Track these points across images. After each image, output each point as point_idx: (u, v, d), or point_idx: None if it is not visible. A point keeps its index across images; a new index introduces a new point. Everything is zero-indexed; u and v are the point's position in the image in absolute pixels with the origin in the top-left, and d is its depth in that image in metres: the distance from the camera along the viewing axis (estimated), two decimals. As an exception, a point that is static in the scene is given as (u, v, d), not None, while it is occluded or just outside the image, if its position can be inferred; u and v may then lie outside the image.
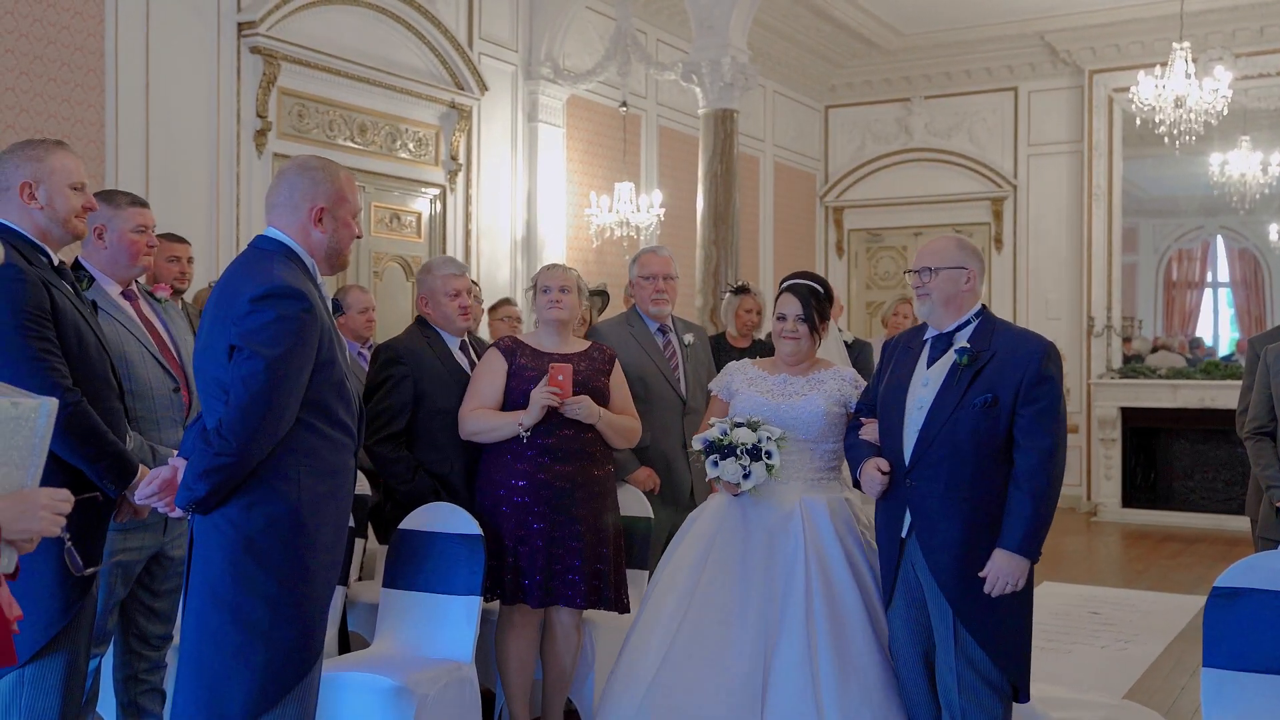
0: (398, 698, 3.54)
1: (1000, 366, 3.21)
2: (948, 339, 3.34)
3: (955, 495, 3.20)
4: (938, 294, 3.33)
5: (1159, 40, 10.32)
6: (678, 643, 3.56)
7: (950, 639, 3.20)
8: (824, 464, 3.74)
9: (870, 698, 3.39)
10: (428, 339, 4.28)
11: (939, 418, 3.24)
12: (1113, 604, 6.95)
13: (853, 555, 3.59)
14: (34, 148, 3.05)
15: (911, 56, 12.05)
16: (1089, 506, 11.09)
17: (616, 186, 8.98)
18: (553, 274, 4.18)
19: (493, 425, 3.99)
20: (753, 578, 3.58)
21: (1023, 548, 3.14)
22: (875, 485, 3.37)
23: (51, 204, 2.98)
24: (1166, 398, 10.68)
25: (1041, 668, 5.46)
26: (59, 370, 2.84)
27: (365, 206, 7.62)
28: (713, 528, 3.73)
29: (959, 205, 12.09)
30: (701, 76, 8.28)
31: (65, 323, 2.90)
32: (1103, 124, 11.24)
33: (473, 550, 3.88)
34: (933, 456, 3.23)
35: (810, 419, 3.68)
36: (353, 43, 7.35)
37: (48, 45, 5.74)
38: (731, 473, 3.59)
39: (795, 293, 3.80)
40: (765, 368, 3.87)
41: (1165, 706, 4.90)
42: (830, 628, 3.45)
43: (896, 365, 3.46)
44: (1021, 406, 3.18)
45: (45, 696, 2.84)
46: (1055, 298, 11.55)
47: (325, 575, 2.75)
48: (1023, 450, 3.17)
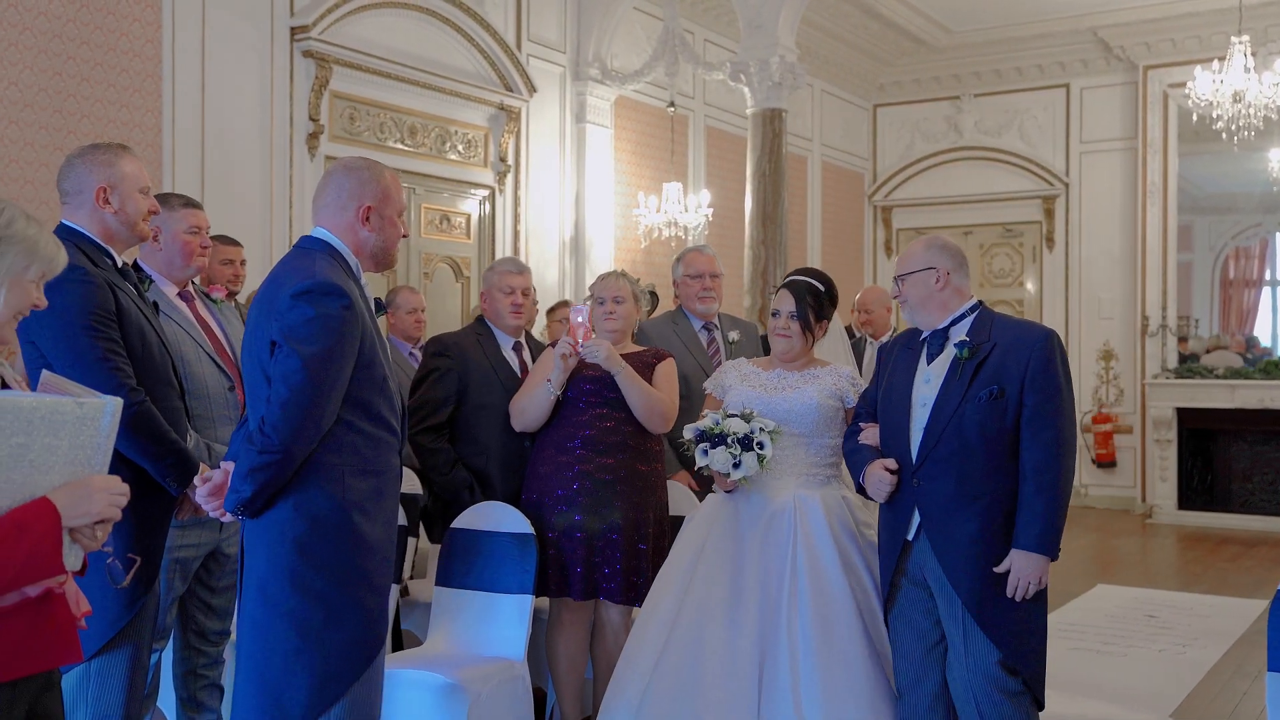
0: (451, 695, 3.57)
1: (1003, 357, 3.13)
2: (943, 335, 3.26)
3: (967, 493, 3.11)
4: (912, 299, 3.28)
5: (1216, 34, 10.16)
6: (671, 645, 3.50)
7: (963, 646, 3.11)
8: (820, 459, 3.65)
9: (858, 699, 3.30)
10: (479, 336, 4.34)
11: (944, 413, 3.15)
12: (1170, 607, 6.85)
13: (847, 553, 3.50)
14: (104, 152, 3.10)
15: (961, 54, 11.94)
16: (1144, 508, 10.93)
17: (664, 187, 8.98)
18: (606, 285, 4.22)
19: (530, 396, 4.06)
20: (746, 575, 3.51)
21: (1040, 545, 3.05)
22: (884, 486, 3.25)
23: (124, 208, 3.03)
24: (1224, 398, 10.50)
25: (1095, 672, 5.40)
26: (124, 370, 2.88)
27: (415, 208, 7.68)
28: (706, 526, 3.67)
29: (1009, 204, 11.97)
30: (750, 76, 8.26)
31: (129, 323, 2.95)
32: (1157, 120, 11.07)
33: (524, 549, 3.91)
34: (940, 454, 3.14)
35: (803, 412, 3.60)
36: (403, 46, 7.41)
37: (107, 52, 5.84)
38: (721, 462, 3.50)
39: (791, 289, 3.73)
40: (760, 364, 3.82)
41: (1226, 713, 4.81)
42: (817, 626, 3.36)
43: (895, 366, 3.38)
44: (1026, 397, 3.09)
45: (111, 690, 2.89)
46: (1108, 297, 11.39)
47: (378, 573, 2.74)
48: (1030, 443, 3.08)
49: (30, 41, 5.51)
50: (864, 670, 3.35)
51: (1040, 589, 3.10)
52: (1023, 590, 3.06)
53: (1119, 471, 11.16)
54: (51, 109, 5.57)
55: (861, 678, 3.33)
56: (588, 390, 4.04)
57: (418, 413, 4.18)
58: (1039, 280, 11.85)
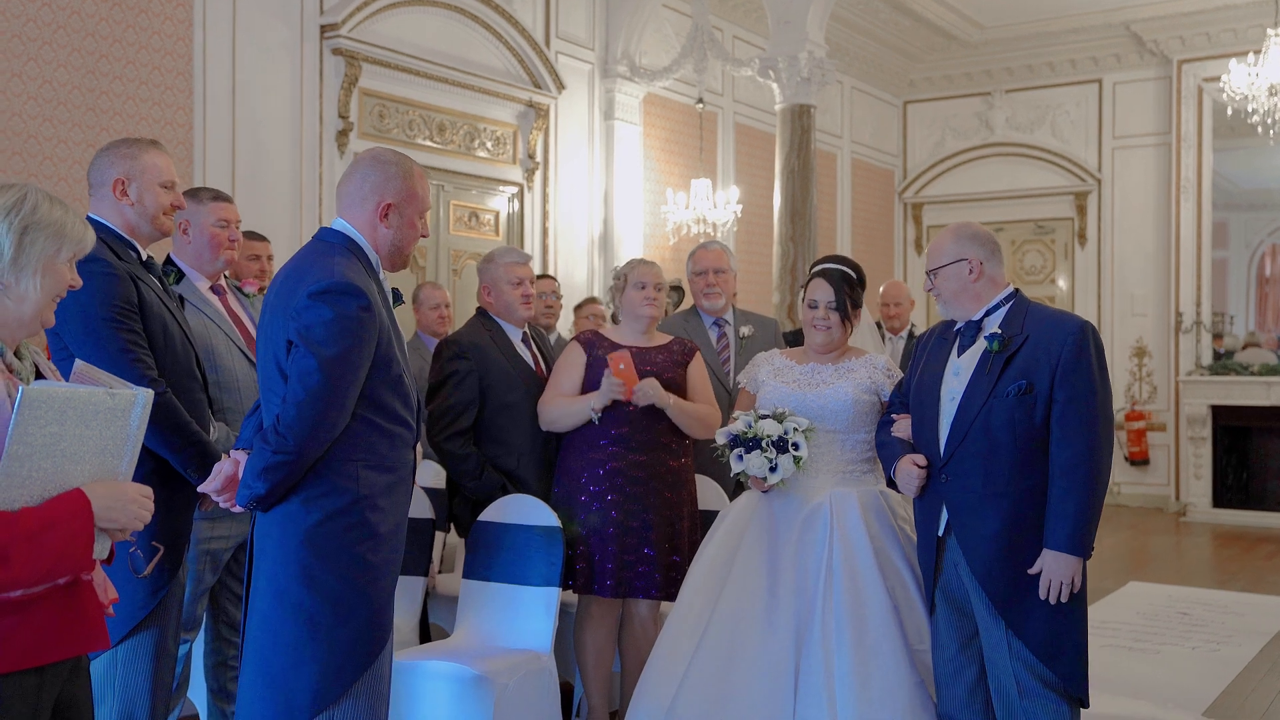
0: (477, 686, 3.57)
1: (1034, 351, 3.03)
2: (977, 326, 3.17)
3: (993, 490, 3.03)
4: (945, 293, 3.19)
5: (1252, 27, 10.04)
6: (704, 646, 3.45)
7: (1003, 642, 3.04)
8: (856, 455, 3.58)
9: (893, 700, 3.24)
10: (490, 332, 4.23)
11: (972, 408, 3.06)
12: (1204, 605, 6.77)
13: (884, 551, 3.43)
14: (129, 146, 3.12)
15: (992, 50, 11.86)
16: (1178, 507, 10.81)
17: (693, 183, 8.97)
18: (649, 270, 4.15)
19: (566, 410, 4.01)
20: (782, 575, 3.44)
21: (1072, 545, 2.96)
22: (913, 481, 3.19)
23: (142, 201, 3.05)
24: (1259, 395, 10.38)
25: (1129, 669, 5.34)
26: (145, 362, 2.90)
27: (443, 205, 7.71)
28: (741, 525, 3.60)
29: (1041, 200, 11.87)
30: (778, 72, 8.24)
31: (152, 316, 2.97)
32: (1191, 115, 10.95)
33: (551, 542, 3.91)
34: (968, 450, 3.07)
35: (838, 408, 3.52)
36: (432, 43, 7.44)
37: (139, 50, 5.90)
38: (757, 467, 3.44)
39: (827, 278, 3.61)
40: (794, 357, 3.71)
41: (1261, 710, 4.75)
42: (852, 626, 3.29)
43: (930, 357, 3.29)
44: (1058, 392, 2.99)
45: (137, 676, 2.92)
46: (1141, 293, 11.28)
47: (387, 570, 2.72)
48: (1061, 440, 2.98)
49: (64, 40, 5.57)
50: (898, 670, 3.29)
51: (1075, 590, 3.01)
52: (1055, 591, 2.98)
53: (1152, 469, 11.05)
54: (85, 107, 5.63)
55: (895, 678, 3.28)
56: None
57: (442, 419, 4.11)
58: (1071, 277, 11.75)
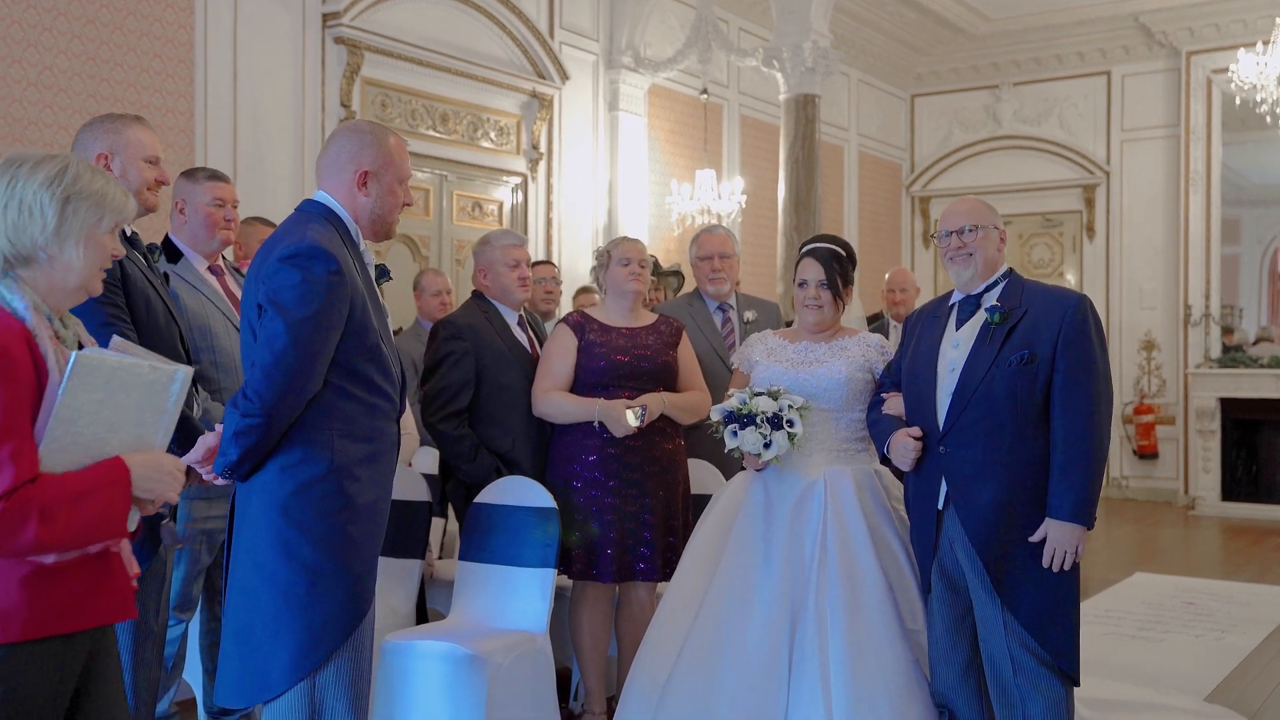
0: (471, 666, 3.57)
1: (1034, 323, 3.05)
2: (975, 301, 3.19)
3: (994, 459, 3.04)
4: (981, 253, 3.17)
5: (1262, 18, 9.98)
6: (699, 625, 3.44)
7: (998, 617, 3.04)
8: (850, 434, 3.56)
9: (888, 680, 3.21)
10: (486, 314, 4.20)
11: (974, 377, 3.07)
12: (1209, 595, 6.73)
13: (879, 530, 3.42)
14: (113, 121, 3.13)
15: (999, 42, 11.81)
16: (1186, 500, 10.75)
17: (698, 174, 8.95)
18: (632, 246, 4.16)
19: (563, 409, 3.99)
20: (775, 554, 3.43)
21: (1077, 514, 2.98)
22: (909, 453, 3.18)
23: (125, 175, 3.04)
24: (1269, 387, 10.31)
25: (1131, 656, 5.31)
26: (127, 336, 2.89)
27: (447, 195, 7.71)
28: (735, 504, 3.59)
29: (1049, 193, 11.82)
30: (783, 62, 8.22)
31: (135, 291, 2.97)
32: (1200, 107, 10.89)
33: (547, 523, 3.90)
34: (969, 419, 3.07)
35: (832, 386, 3.51)
36: (434, 33, 7.44)
37: (140, 37, 5.91)
38: (752, 443, 3.43)
39: (816, 257, 3.61)
40: (787, 336, 3.71)
41: (1264, 695, 4.72)
42: (847, 606, 3.28)
43: (922, 334, 3.29)
44: (1060, 363, 3.01)
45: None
46: (1150, 286, 11.22)
47: (367, 539, 2.69)
48: (1062, 411, 3.00)
49: (64, 26, 5.58)
50: (893, 648, 3.27)
51: (1078, 559, 3.02)
52: (1059, 560, 2.99)
53: (1161, 463, 10.99)
54: (85, 93, 5.64)
55: (890, 656, 3.26)
56: (612, 372, 4.01)
57: (436, 400, 4.08)
58: (1079, 270, 11.69)
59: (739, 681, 3.32)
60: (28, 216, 2.00)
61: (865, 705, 3.17)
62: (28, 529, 1.87)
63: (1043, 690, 3.02)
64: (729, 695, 3.32)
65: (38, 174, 2.02)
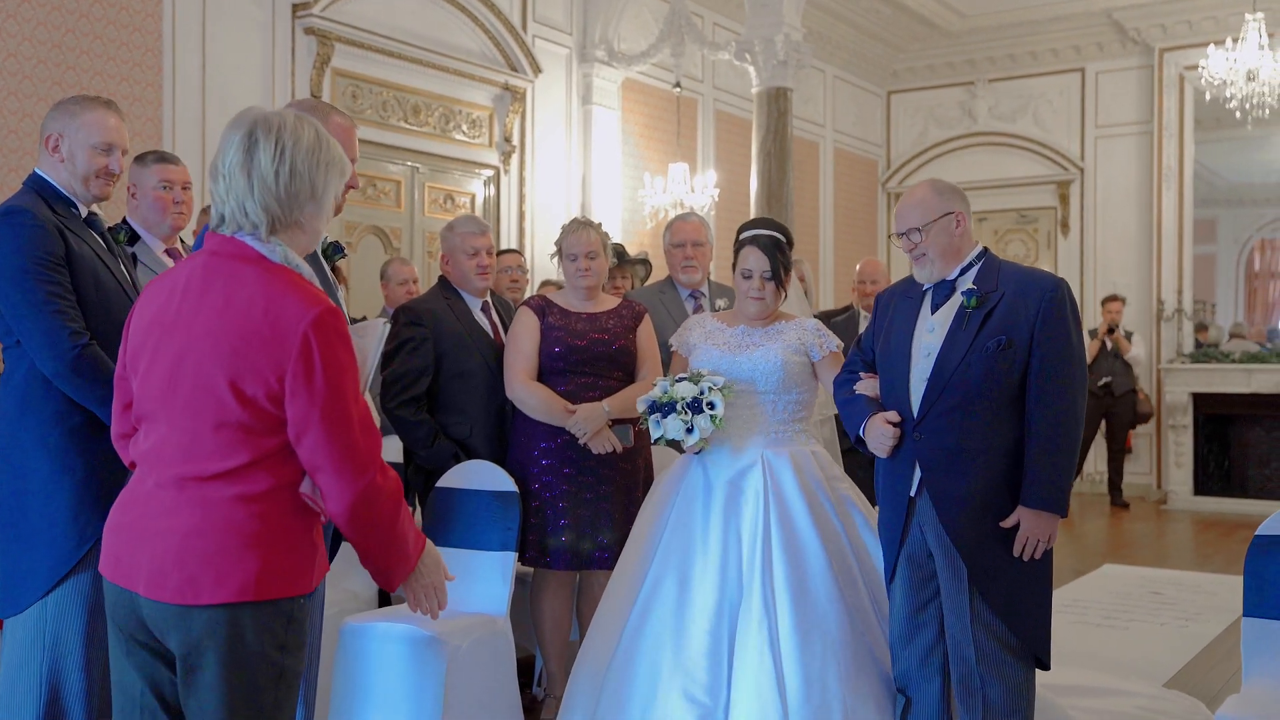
0: (429, 648, 3.56)
1: (1011, 306, 2.99)
2: (950, 284, 3.11)
3: (969, 446, 2.99)
4: (934, 250, 3.08)
5: (1232, 15, 10.03)
6: (637, 612, 3.41)
7: (966, 603, 3.00)
8: (787, 415, 3.55)
9: (836, 655, 3.21)
10: (448, 299, 4.20)
11: (950, 363, 3.01)
12: (1177, 585, 6.77)
13: (819, 509, 3.41)
14: (74, 104, 3.08)
15: (974, 39, 11.86)
16: (1159, 494, 10.81)
17: (671, 168, 8.97)
18: (579, 240, 4.08)
19: (538, 411, 3.96)
20: (713, 536, 3.41)
21: (1051, 502, 2.95)
22: (886, 440, 3.10)
23: (72, 160, 3.00)
24: (1240, 383, 10.38)
25: (1096, 642, 5.35)
26: (68, 314, 2.86)
27: (419, 187, 7.70)
28: (673, 491, 3.56)
29: (1024, 189, 11.87)
30: (755, 55, 8.23)
31: (82, 270, 2.93)
32: (1173, 104, 10.95)
33: (507, 507, 3.90)
34: (944, 405, 3.01)
35: (769, 370, 3.51)
36: (406, 24, 7.43)
37: (107, 26, 5.88)
38: (675, 429, 3.41)
39: (759, 246, 3.54)
40: (725, 320, 3.70)
41: (1223, 680, 4.75)
42: (792, 584, 3.27)
43: (896, 315, 3.21)
44: (1037, 349, 2.96)
45: (68, 629, 2.86)
46: (1124, 282, 11.27)
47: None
48: (1040, 397, 2.96)
49: (29, 14, 5.55)
50: (840, 627, 3.25)
51: (1048, 547, 3.01)
52: (1031, 548, 2.97)
53: (1134, 457, 11.04)
54: (50, 81, 5.61)
55: (837, 635, 3.24)
56: (570, 359, 4.00)
57: (394, 385, 4.06)
58: (1054, 266, 11.74)
59: (679, 664, 3.29)
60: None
61: (816, 686, 3.15)
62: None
63: (1005, 676, 2.99)
64: (668, 678, 3.29)
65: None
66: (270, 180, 2.09)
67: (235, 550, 2.03)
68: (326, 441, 2.04)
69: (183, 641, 2.04)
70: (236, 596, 2.02)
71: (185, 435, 2.07)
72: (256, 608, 2.04)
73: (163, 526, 2.06)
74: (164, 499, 2.08)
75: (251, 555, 2.03)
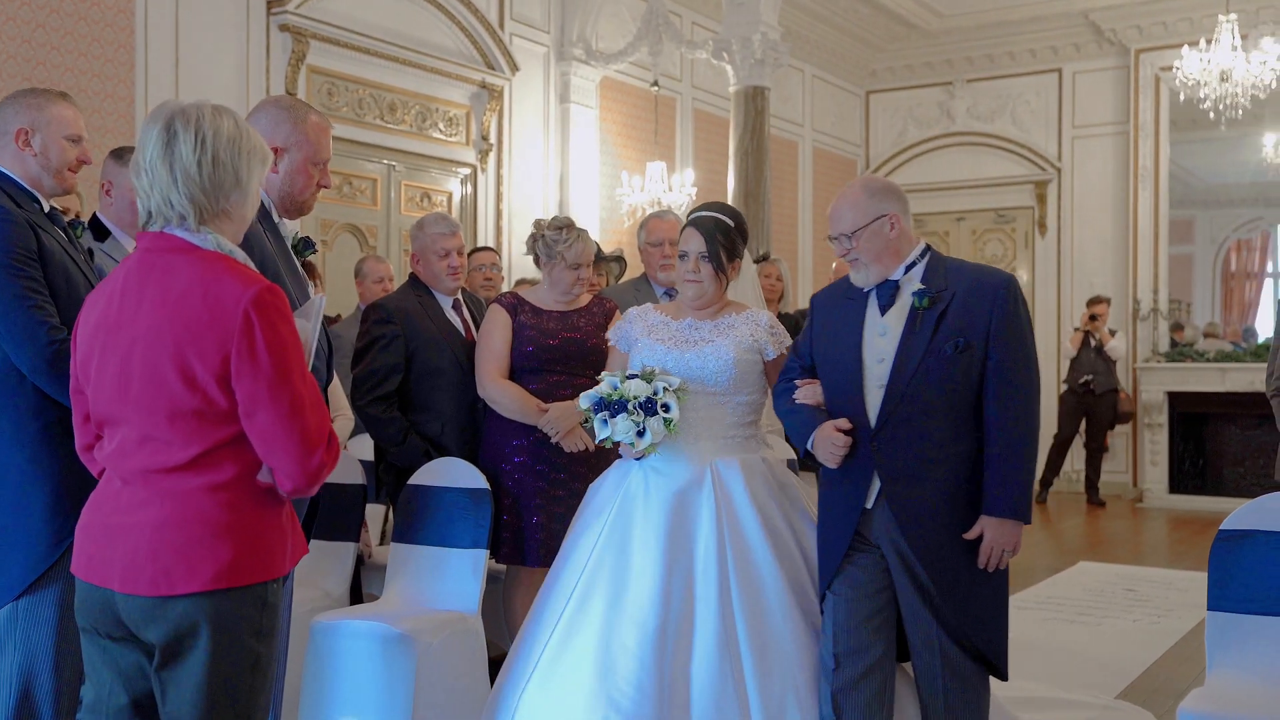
0: (399, 645, 3.55)
1: (965, 306, 2.86)
2: (894, 284, 2.96)
3: (930, 456, 2.87)
4: (867, 255, 2.93)
5: (1206, 16, 10.11)
6: (570, 620, 3.10)
7: (928, 615, 2.89)
8: (738, 419, 3.27)
9: (791, 673, 2.98)
10: (420, 297, 4.18)
11: (906, 368, 2.86)
12: (1150, 582, 6.81)
13: (771, 520, 3.15)
14: (35, 96, 3.08)
15: (952, 39, 11.91)
16: (1135, 493, 10.88)
17: (649, 166, 8.97)
18: (582, 250, 4.01)
19: (511, 410, 3.93)
20: (654, 556, 3.08)
21: (1014, 510, 2.83)
22: (838, 451, 2.91)
23: (45, 153, 2.98)
24: (1215, 382, 10.46)
25: (1066, 640, 5.38)
26: (45, 309, 2.84)
27: (395, 185, 7.68)
28: (611, 499, 3.25)
29: (1002, 189, 11.92)
30: (732, 54, 8.25)
31: (54, 266, 2.92)
32: (1149, 104, 11.02)
33: (479, 504, 3.89)
34: (904, 413, 2.87)
35: (718, 368, 3.21)
36: (382, 21, 7.40)
37: (79, 22, 5.85)
38: (624, 431, 3.11)
39: (698, 227, 3.28)
40: (669, 312, 3.39)
41: (1193, 674, 4.78)
42: (746, 602, 3.02)
43: (838, 318, 3.03)
44: (992, 350, 2.85)
45: (39, 631, 2.84)
46: (1100, 281, 11.34)
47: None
48: (996, 400, 2.85)
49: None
50: (796, 644, 3.04)
51: (1013, 556, 2.91)
52: (996, 558, 2.87)
53: (1110, 456, 11.10)
54: (20, 78, 5.57)
55: (794, 653, 3.02)
56: (542, 357, 4.00)
57: (365, 383, 4.05)
58: (1031, 265, 11.81)
59: (602, 690, 2.98)
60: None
61: (775, 708, 2.95)
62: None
63: (966, 687, 2.89)
64: (589, 705, 2.98)
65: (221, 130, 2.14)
66: (193, 171, 2.10)
67: (207, 540, 2.06)
68: (276, 418, 2.06)
69: (161, 633, 2.07)
70: (211, 585, 2.05)
71: (143, 430, 2.09)
72: (231, 594, 2.07)
73: (133, 521, 2.09)
74: (132, 495, 2.11)
75: (223, 543, 2.06)
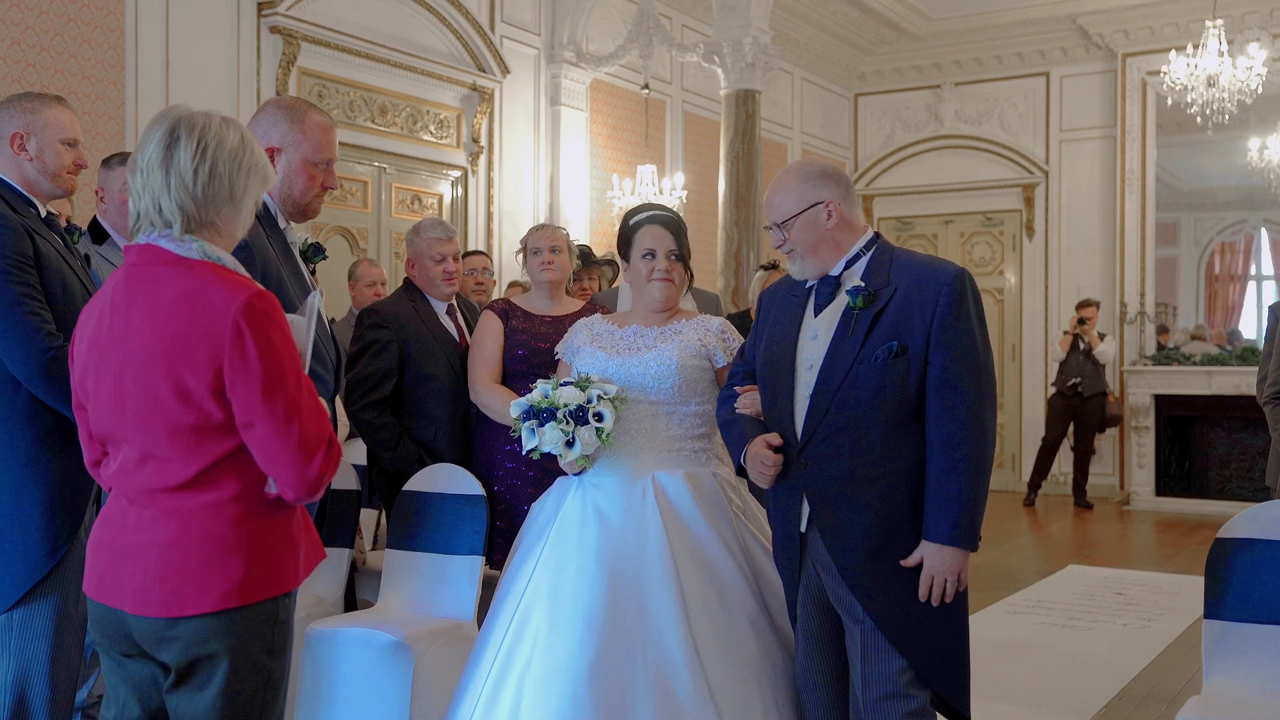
0: (396, 653, 3.54)
1: (904, 305, 2.55)
2: (835, 280, 2.67)
3: (862, 475, 2.56)
4: (802, 246, 2.66)
5: (1193, 21, 10.17)
6: (499, 662, 2.91)
7: (862, 650, 2.57)
8: (685, 431, 3.04)
9: (762, 690, 2.79)
10: (414, 303, 4.17)
11: (834, 377, 2.57)
12: (1139, 585, 6.84)
13: (721, 532, 2.91)
14: (30, 100, 3.07)
15: (941, 42, 11.95)
16: (1122, 495, 10.93)
17: (639, 169, 8.97)
18: (542, 235, 4.09)
19: (507, 415, 3.82)
20: (594, 582, 2.83)
21: (955, 536, 2.50)
22: (767, 470, 2.65)
23: (41, 157, 2.98)
24: (1201, 384, 10.51)
25: (1055, 644, 5.39)
26: (41, 315, 2.84)
27: (386, 188, 7.66)
28: (548, 518, 3.03)
29: (990, 192, 11.97)
30: (723, 57, 8.25)
31: (50, 271, 2.91)
32: (1136, 108, 11.08)
33: (475, 511, 3.88)
34: (831, 427, 2.57)
35: (662, 375, 3.00)
36: (373, 24, 7.39)
37: (69, 23, 5.81)
38: (553, 440, 2.90)
39: (664, 225, 3.11)
40: (616, 321, 3.23)
41: (1184, 679, 4.80)
42: (705, 618, 2.80)
43: (778, 318, 2.77)
44: (934, 354, 2.53)
45: (34, 641, 2.83)
46: (1088, 284, 11.39)
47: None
48: (940, 411, 2.52)
49: (-10, 11, 5.48)
50: (760, 666, 2.84)
51: (960, 589, 2.57)
52: (938, 591, 2.53)
53: (1097, 459, 11.15)
54: (10, 79, 5.54)
55: (756, 654, 2.84)
56: (534, 362, 3.99)
57: (359, 388, 4.04)
58: (1019, 269, 11.85)
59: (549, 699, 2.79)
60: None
61: None
62: None
63: None
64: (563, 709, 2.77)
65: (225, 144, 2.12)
66: (188, 178, 2.07)
67: (216, 559, 2.03)
68: (272, 427, 2.01)
69: (173, 654, 2.05)
70: (222, 604, 2.03)
71: (143, 448, 2.06)
72: (243, 612, 2.05)
73: (141, 541, 2.06)
74: (138, 514, 2.08)
75: (232, 561, 2.04)
